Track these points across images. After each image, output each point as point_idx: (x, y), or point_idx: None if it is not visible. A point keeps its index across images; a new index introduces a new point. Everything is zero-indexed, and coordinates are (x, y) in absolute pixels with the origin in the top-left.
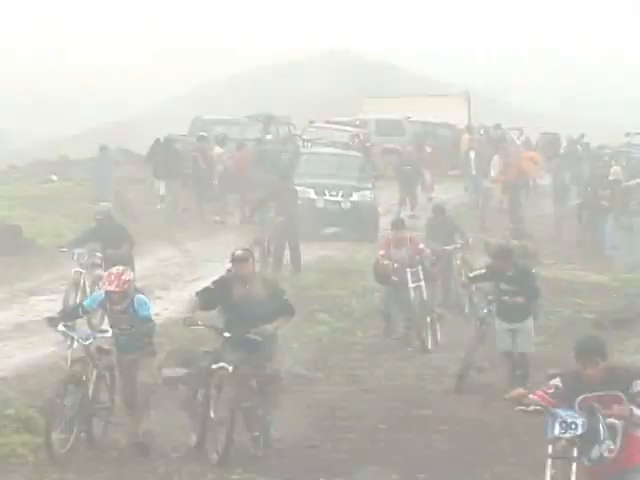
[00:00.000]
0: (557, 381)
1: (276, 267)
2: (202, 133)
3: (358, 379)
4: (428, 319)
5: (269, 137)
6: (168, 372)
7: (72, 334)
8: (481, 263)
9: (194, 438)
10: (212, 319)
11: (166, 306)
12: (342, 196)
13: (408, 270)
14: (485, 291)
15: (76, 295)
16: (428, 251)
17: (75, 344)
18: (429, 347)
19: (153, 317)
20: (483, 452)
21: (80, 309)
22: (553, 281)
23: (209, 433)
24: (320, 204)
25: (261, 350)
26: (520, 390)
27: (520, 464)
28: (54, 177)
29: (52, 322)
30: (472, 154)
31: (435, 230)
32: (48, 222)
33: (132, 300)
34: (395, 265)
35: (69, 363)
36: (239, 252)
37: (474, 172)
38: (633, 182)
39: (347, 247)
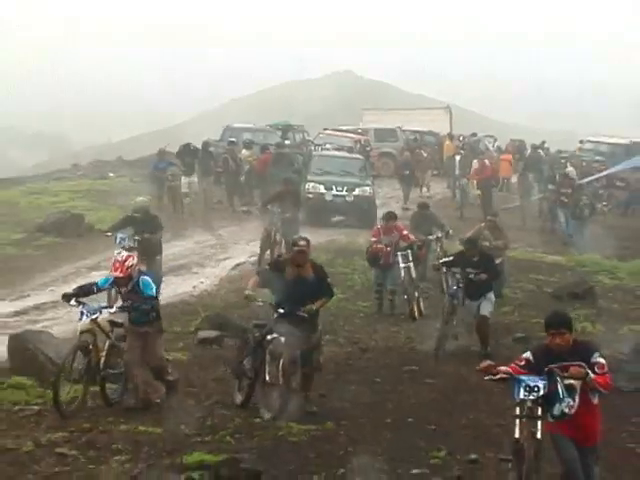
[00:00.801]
0: (528, 355)
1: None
2: (232, 139)
3: (359, 341)
4: (416, 294)
5: (287, 142)
6: (203, 334)
7: (81, 308)
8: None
9: (240, 397)
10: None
11: (202, 280)
12: (346, 191)
13: (399, 253)
14: (455, 273)
15: None
16: (412, 237)
17: (84, 317)
18: (416, 316)
19: (155, 295)
20: (461, 401)
21: (94, 287)
22: (519, 261)
23: (262, 393)
24: (328, 197)
25: (307, 324)
26: (488, 362)
27: (491, 412)
28: (111, 174)
29: (67, 297)
30: (457, 157)
31: (419, 222)
32: (106, 211)
33: (138, 281)
34: (388, 248)
35: (78, 333)
36: (302, 242)
37: (457, 172)
38: (584, 181)
39: (350, 232)
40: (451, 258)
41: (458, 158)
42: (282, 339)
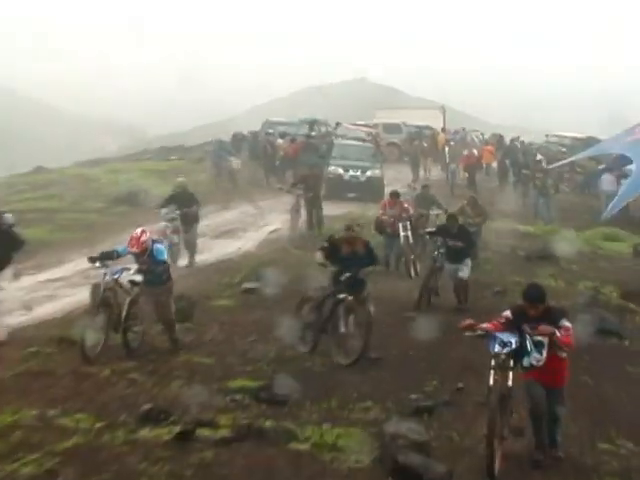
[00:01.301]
0: (508, 313)
1: (308, 225)
2: (270, 130)
3: (370, 292)
4: (412, 256)
5: (313, 133)
6: (246, 285)
7: (104, 270)
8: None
9: (306, 347)
10: None
11: (245, 242)
12: (360, 172)
13: (400, 224)
14: (436, 241)
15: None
16: (412, 210)
17: (106, 277)
18: (412, 275)
19: (167, 260)
20: (446, 341)
21: (115, 253)
22: (497, 230)
23: (337, 343)
24: (346, 177)
25: (361, 284)
26: (469, 320)
27: (475, 348)
28: (173, 157)
29: (92, 260)
30: (446, 148)
31: (422, 200)
32: (166, 187)
33: (152, 249)
34: (392, 219)
35: (102, 290)
36: (356, 228)
37: (447, 160)
38: (550, 167)
39: (362, 206)
40: (434, 229)
41: (447, 149)
42: (350, 297)
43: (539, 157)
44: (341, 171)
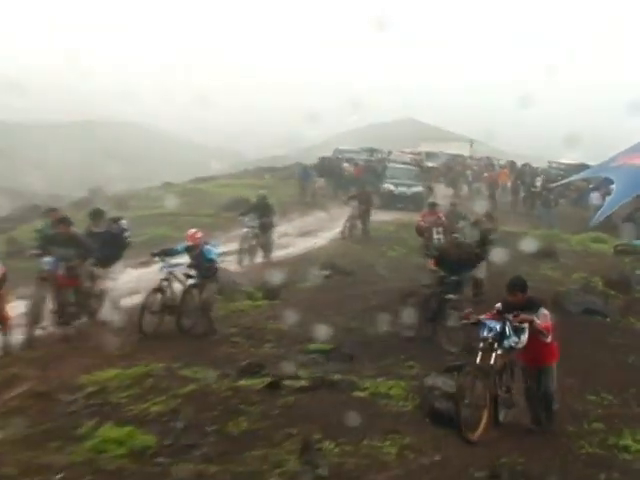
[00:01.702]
0: (499, 305)
1: (364, 235)
2: (339, 156)
3: (412, 279)
4: None
5: (372, 158)
6: (323, 271)
7: (163, 263)
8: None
9: (411, 333)
10: None
11: (320, 240)
12: (406, 189)
13: (434, 229)
14: None
15: (244, 244)
16: (444, 220)
17: (164, 269)
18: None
19: (215, 259)
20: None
21: (173, 250)
22: (510, 233)
23: (446, 334)
24: (396, 192)
25: (462, 287)
26: (468, 311)
27: None
28: (266, 176)
29: (153, 255)
30: (469, 172)
31: (451, 214)
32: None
33: (202, 249)
34: (427, 226)
35: (160, 279)
36: (455, 235)
37: (470, 179)
38: (552, 185)
39: (408, 215)
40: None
41: (469, 172)
42: (454, 297)
43: (539, 179)
44: (392, 187)
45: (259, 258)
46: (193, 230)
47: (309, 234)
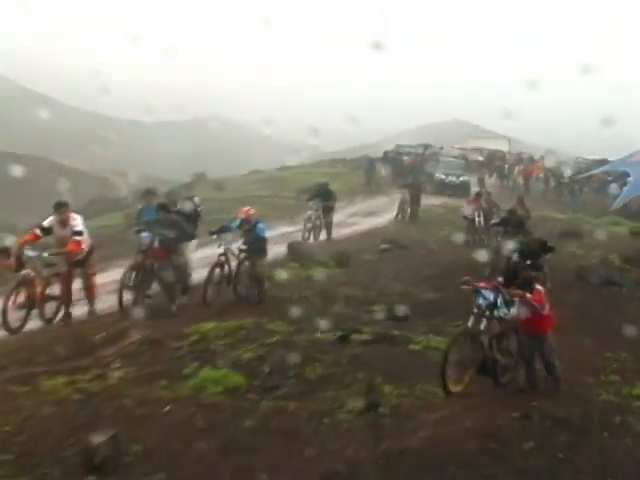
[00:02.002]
0: (501, 279)
1: (412, 218)
2: (399, 150)
3: (454, 253)
4: (483, 236)
5: (426, 152)
6: (383, 246)
7: (220, 240)
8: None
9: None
10: None
11: (381, 220)
12: (455, 178)
13: (476, 212)
14: (498, 229)
15: (308, 223)
16: (485, 205)
17: (222, 245)
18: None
19: (266, 237)
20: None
21: (228, 227)
22: (543, 217)
23: None
24: (446, 181)
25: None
26: (467, 278)
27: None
28: (338, 166)
29: (211, 233)
30: (506, 165)
31: (488, 202)
32: (337, 184)
33: (255, 225)
34: (471, 209)
35: (217, 255)
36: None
37: (506, 172)
38: (578, 177)
39: (456, 200)
40: (498, 221)
41: (507, 165)
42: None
43: (567, 172)
44: (443, 177)
45: (322, 236)
46: (246, 207)
47: (372, 214)
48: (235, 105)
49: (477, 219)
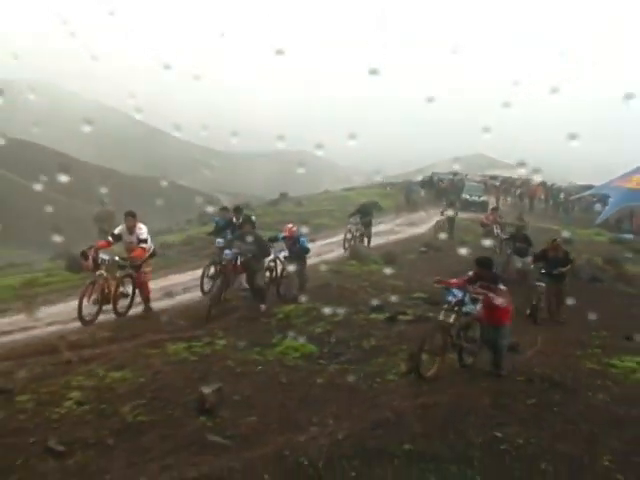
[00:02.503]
0: (471, 274)
1: (449, 233)
2: (435, 177)
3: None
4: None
5: (455, 178)
6: (422, 248)
7: (272, 249)
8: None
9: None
10: None
11: (419, 230)
12: (477, 197)
13: (494, 225)
14: (509, 243)
15: (347, 234)
16: (501, 220)
17: (272, 254)
18: (498, 252)
19: (309, 249)
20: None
21: (275, 238)
22: (541, 229)
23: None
24: (470, 200)
25: (561, 278)
26: (438, 278)
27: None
28: (388, 188)
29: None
30: (513, 189)
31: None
32: (385, 202)
33: (298, 238)
34: (488, 223)
35: (267, 261)
36: (557, 240)
37: (517, 194)
38: (570, 198)
39: (477, 215)
40: (509, 236)
41: (513, 189)
42: (543, 285)
43: (562, 194)
44: (468, 197)
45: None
46: (290, 225)
47: (412, 225)
48: (310, 139)
49: (496, 231)
